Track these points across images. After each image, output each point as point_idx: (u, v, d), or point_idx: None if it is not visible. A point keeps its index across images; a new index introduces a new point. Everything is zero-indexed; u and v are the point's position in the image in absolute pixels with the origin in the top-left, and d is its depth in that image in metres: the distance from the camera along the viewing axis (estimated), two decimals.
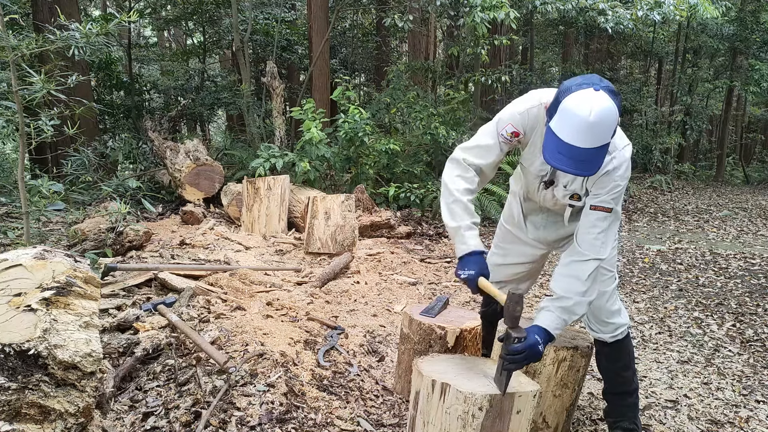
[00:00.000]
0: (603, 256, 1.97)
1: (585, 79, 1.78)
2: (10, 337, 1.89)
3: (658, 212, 9.46)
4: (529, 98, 2.06)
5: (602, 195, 1.96)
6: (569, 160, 1.75)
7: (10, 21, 5.19)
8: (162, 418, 2.22)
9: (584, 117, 1.70)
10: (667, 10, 8.29)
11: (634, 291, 4.95)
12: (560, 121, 1.76)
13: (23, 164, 3.30)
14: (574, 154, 1.74)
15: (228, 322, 3.07)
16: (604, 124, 1.71)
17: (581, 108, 1.71)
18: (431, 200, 6.90)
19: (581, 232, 2.01)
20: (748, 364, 3.45)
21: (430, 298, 4.22)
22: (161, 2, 11.70)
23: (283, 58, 11.25)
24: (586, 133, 1.72)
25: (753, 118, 19.67)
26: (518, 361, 1.82)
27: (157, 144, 7.45)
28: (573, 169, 1.77)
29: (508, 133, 2.05)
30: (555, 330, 1.93)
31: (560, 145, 1.76)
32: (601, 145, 1.76)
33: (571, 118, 1.73)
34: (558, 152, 1.76)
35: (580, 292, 1.94)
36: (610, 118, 1.72)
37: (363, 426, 2.40)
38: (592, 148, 1.74)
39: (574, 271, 1.97)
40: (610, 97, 1.73)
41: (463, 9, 7.38)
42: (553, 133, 1.77)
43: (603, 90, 1.74)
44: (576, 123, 1.72)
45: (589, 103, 1.71)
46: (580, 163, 1.75)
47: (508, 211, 2.47)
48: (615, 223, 2.01)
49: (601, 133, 1.73)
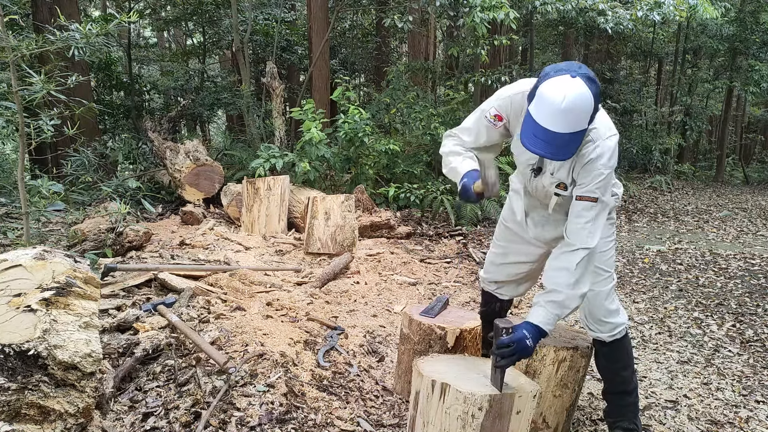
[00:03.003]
0: (591, 245, 1.96)
1: (565, 65, 1.83)
2: (10, 337, 1.89)
3: (657, 212, 9.46)
4: (515, 85, 2.12)
5: (587, 185, 1.97)
6: (544, 143, 1.81)
7: (9, 21, 5.19)
8: (162, 419, 2.22)
9: (558, 102, 1.75)
10: (666, 10, 8.28)
11: (634, 291, 4.95)
12: (536, 105, 1.82)
13: (23, 164, 3.30)
14: (549, 138, 1.79)
15: (228, 323, 3.07)
16: (578, 109, 1.76)
17: (556, 93, 1.76)
18: (431, 200, 6.91)
19: (569, 223, 2.03)
20: (747, 365, 3.46)
21: (430, 298, 4.22)
22: (161, 3, 11.70)
23: (283, 58, 11.25)
24: (560, 118, 1.76)
25: (753, 119, 19.68)
26: (507, 356, 1.81)
27: (156, 144, 7.45)
28: (546, 152, 1.83)
29: (491, 116, 2.13)
30: (546, 325, 1.92)
31: (536, 129, 1.81)
32: (576, 131, 1.79)
33: (546, 103, 1.78)
34: (534, 135, 1.82)
35: (570, 284, 1.93)
36: (584, 104, 1.76)
37: (363, 426, 2.40)
38: (566, 133, 1.78)
39: (562, 262, 1.97)
40: (587, 84, 1.77)
41: (463, 9, 7.38)
42: (531, 116, 1.83)
43: (580, 77, 1.78)
44: (550, 107, 1.77)
45: (563, 89, 1.76)
46: (554, 147, 1.81)
47: (508, 208, 2.47)
48: (603, 212, 2.01)
49: (575, 118, 1.77)
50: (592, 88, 1.78)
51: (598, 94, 1.81)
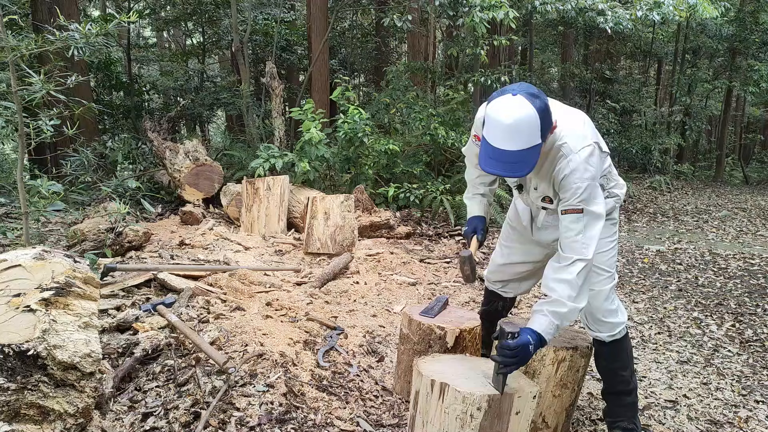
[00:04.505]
0: (588, 256, 1.96)
1: (508, 87, 1.90)
2: (10, 337, 1.89)
3: (657, 212, 9.47)
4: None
5: (568, 199, 1.99)
6: (499, 163, 1.86)
7: (9, 21, 5.19)
8: (161, 419, 2.22)
9: (503, 120, 1.82)
10: (666, 10, 8.28)
11: (634, 291, 4.95)
12: (487, 127, 1.88)
13: (22, 164, 3.30)
14: (503, 157, 1.84)
15: (227, 323, 3.07)
16: (524, 124, 1.81)
17: (500, 113, 1.83)
18: (431, 200, 6.90)
19: (561, 237, 2.04)
20: (747, 365, 3.46)
21: (430, 298, 4.21)
22: (161, 3, 11.70)
23: (283, 58, 11.25)
24: (509, 136, 1.82)
25: (752, 119, 19.70)
26: (510, 364, 1.83)
27: (156, 144, 7.44)
28: (504, 171, 1.89)
29: (473, 137, 2.27)
30: (547, 334, 1.94)
31: (489, 150, 1.87)
32: (529, 146, 1.83)
33: (493, 123, 1.85)
34: (489, 157, 1.88)
35: (572, 297, 1.95)
36: (528, 120, 1.81)
37: (362, 426, 2.40)
38: (518, 150, 1.83)
39: (563, 274, 1.98)
40: (528, 99, 1.82)
41: (462, 9, 7.37)
42: (485, 139, 1.89)
43: (520, 93, 1.84)
44: (497, 127, 1.84)
45: (506, 108, 1.82)
46: (509, 164, 1.86)
47: (513, 210, 2.53)
48: (594, 221, 1.99)
49: (523, 134, 1.82)
50: (534, 103, 1.82)
51: (544, 108, 1.84)
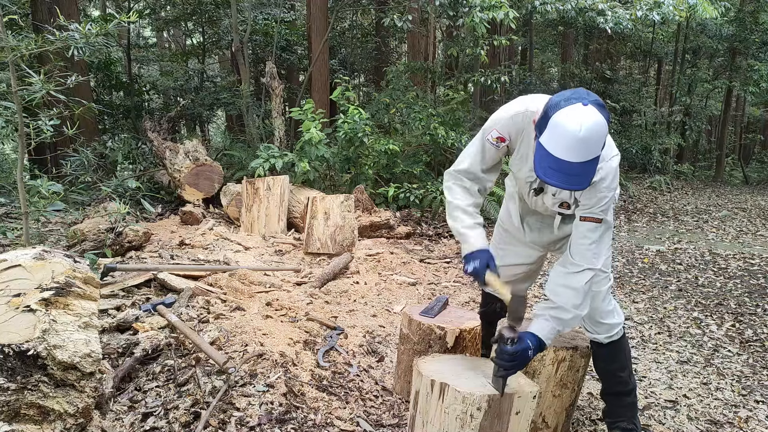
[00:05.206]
0: (597, 266, 1.98)
1: (573, 94, 1.79)
2: (10, 337, 1.89)
3: (657, 212, 9.47)
4: (515, 104, 2.09)
5: (591, 206, 1.97)
6: (560, 174, 1.77)
7: (9, 21, 5.19)
8: (161, 419, 2.22)
9: (575, 132, 1.72)
10: (666, 10, 8.28)
11: (634, 291, 4.95)
12: (550, 137, 1.77)
13: (22, 164, 3.30)
14: (565, 168, 1.76)
15: (227, 323, 3.07)
16: (594, 138, 1.73)
17: (571, 123, 1.73)
18: (430, 200, 6.90)
19: (573, 243, 2.02)
20: (747, 365, 3.46)
21: (430, 298, 4.21)
22: (161, 3, 11.70)
23: (283, 58, 11.25)
24: (577, 148, 1.74)
25: (752, 119, 19.69)
26: (510, 368, 1.84)
27: (156, 144, 7.44)
28: (564, 183, 1.79)
29: (494, 138, 2.11)
30: (547, 339, 1.95)
31: (551, 160, 1.77)
32: (592, 158, 1.77)
33: (561, 134, 1.74)
34: (549, 167, 1.78)
35: (576, 305, 1.96)
36: (600, 132, 1.74)
37: (362, 426, 2.40)
38: (583, 162, 1.76)
39: (569, 281, 1.98)
40: (599, 110, 1.76)
41: (462, 9, 7.38)
42: (544, 148, 1.79)
43: (591, 104, 1.76)
44: (567, 138, 1.74)
45: (579, 118, 1.72)
46: (570, 177, 1.78)
47: (505, 212, 2.47)
48: (607, 232, 2.01)
49: (592, 147, 1.75)
50: (604, 114, 1.76)
51: (608, 119, 1.80)
